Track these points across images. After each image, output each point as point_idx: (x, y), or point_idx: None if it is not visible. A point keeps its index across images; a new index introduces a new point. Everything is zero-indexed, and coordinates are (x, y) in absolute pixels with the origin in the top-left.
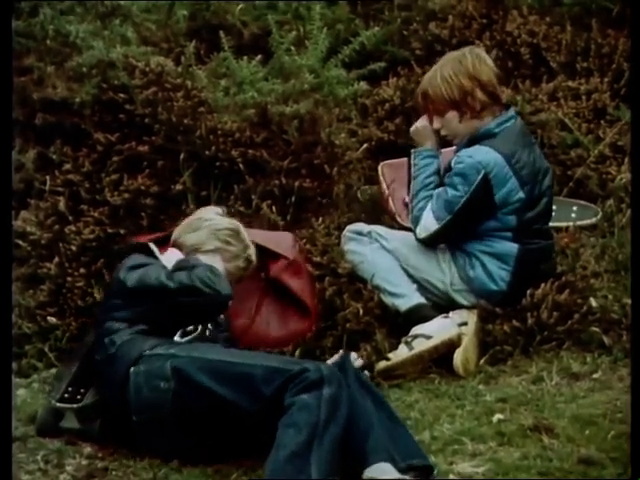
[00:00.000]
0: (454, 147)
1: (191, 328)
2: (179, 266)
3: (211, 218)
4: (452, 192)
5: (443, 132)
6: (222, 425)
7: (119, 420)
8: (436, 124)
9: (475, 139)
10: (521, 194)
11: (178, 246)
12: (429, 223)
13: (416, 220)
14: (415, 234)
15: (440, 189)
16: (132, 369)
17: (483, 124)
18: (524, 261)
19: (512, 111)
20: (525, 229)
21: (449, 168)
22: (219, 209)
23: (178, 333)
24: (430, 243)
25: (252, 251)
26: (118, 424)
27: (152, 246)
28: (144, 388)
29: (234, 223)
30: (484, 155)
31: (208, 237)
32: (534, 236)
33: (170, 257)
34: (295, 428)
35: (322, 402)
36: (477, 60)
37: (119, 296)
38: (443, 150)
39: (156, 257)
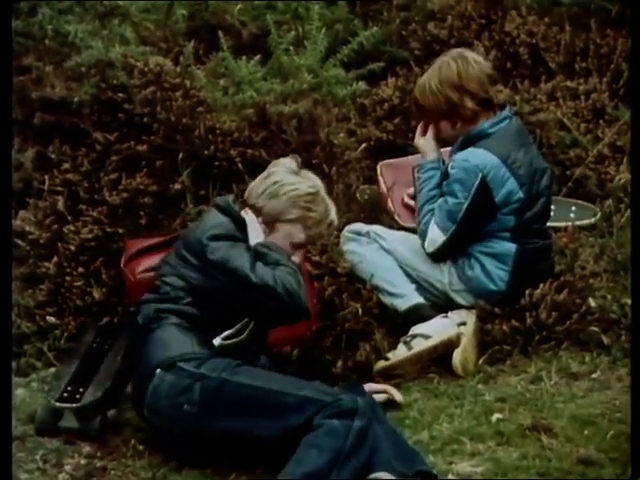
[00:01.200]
0: (444, 149)
1: (232, 333)
2: (261, 251)
3: (289, 183)
4: (452, 200)
5: (442, 136)
6: (239, 444)
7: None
8: (431, 130)
9: (469, 140)
10: (520, 194)
11: (255, 210)
12: (435, 235)
13: (423, 234)
14: (424, 249)
15: (441, 200)
16: (158, 371)
17: (476, 125)
18: (522, 261)
19: (507, 111)
20: (523, 229)
21: (446, 174)
22: (293, 162)
23: (219, 337)
24: (440, 256)
25: (334, 212)
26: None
27: (247, 219)
28: (164, 399)
29: (314, 185)
30: (479, 158)
31: (288, 206)
32: (532, 236)
33: (248, 221)
34: (318, 449)
35: (351, 432)
36: (464, 66)
37: (195, 256)
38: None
39: (239, 220)
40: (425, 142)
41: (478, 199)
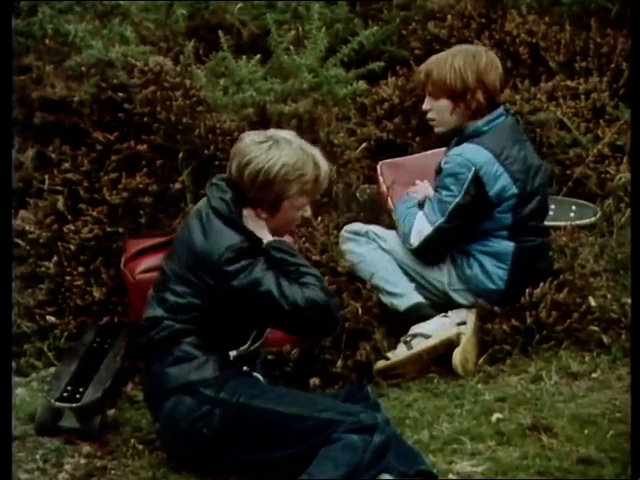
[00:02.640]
0: (444, 149)
1: (248, 345)
2: (278, 257)
3: (273, 164)
4: (445, 193)
5: (430, 115)
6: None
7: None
8: (426, 105)
9: (464, 138)
10: (514, 189)
11: (254, 202)
12: (422, 226)
13: (406, 235)
14: (409, 246)
15: (433, 194)
16: (177, 393)
17: (471, 123)
18: (521, 259)
19: (501, 109)
20: (521, 227)
21: (439, 170)
22: (259, 136)
23: (235, 350)
24: (426, 251)
25: (320, 158)
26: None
27: (247, 216)
28: (182, 421)
29: (294, 154)
30: (473, 153)
31: (283, 185)
32: (530, 234)
33: (251, 222)
34: (334, 463)
35: (370, 448)
36: (490, 63)
37: (213, 278)
38: (436, 151)
39: (247, 232)
40: (425, 189)
41: (471, 193)
